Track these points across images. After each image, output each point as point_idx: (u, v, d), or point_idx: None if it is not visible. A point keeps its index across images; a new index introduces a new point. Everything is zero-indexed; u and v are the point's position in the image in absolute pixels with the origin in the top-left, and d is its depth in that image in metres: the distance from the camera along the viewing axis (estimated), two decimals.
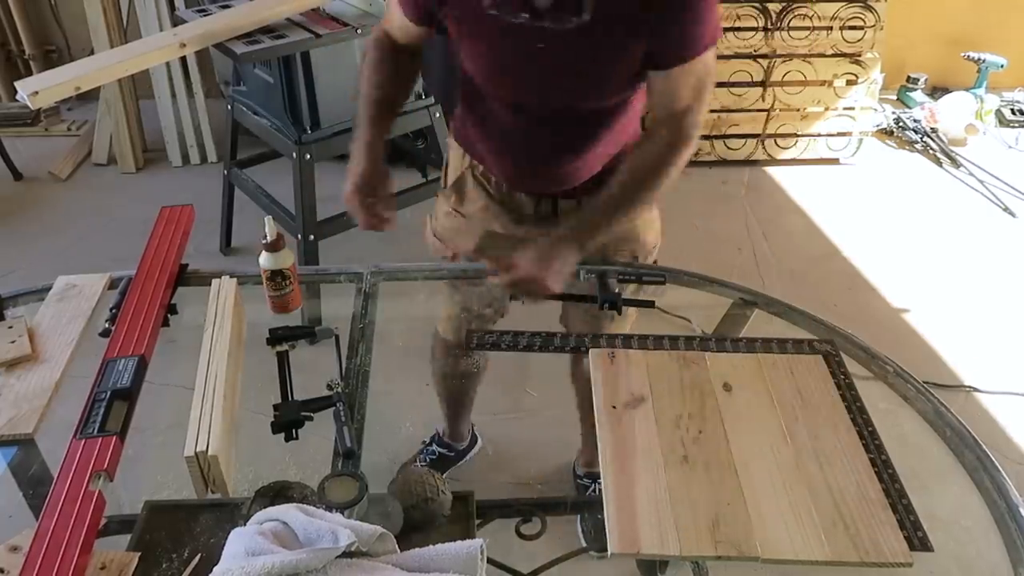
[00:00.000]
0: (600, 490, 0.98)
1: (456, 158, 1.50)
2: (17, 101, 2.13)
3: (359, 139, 1.28)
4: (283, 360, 1.17)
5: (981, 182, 3.46)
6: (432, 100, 2.55)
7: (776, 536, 0.94)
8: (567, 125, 1.31)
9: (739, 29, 3.38)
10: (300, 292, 1.31)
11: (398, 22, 1.31)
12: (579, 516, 1.33)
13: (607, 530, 0.93)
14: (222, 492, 0.97)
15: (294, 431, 1.07)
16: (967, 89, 3.89)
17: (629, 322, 1.53)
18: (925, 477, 1.10)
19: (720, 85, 3.45)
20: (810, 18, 3.38)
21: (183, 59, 3.24)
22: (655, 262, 1.53)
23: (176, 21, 2.45)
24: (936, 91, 4.03)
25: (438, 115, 2.57)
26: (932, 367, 2.47)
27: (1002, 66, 3.86)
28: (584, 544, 1.62)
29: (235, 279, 1.29)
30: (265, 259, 1.25)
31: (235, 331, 1.20)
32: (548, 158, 1.35)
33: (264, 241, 1.24)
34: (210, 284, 1.29)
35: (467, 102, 1.41)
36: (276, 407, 1.08)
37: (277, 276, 1.26)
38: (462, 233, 1.48)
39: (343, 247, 2.59)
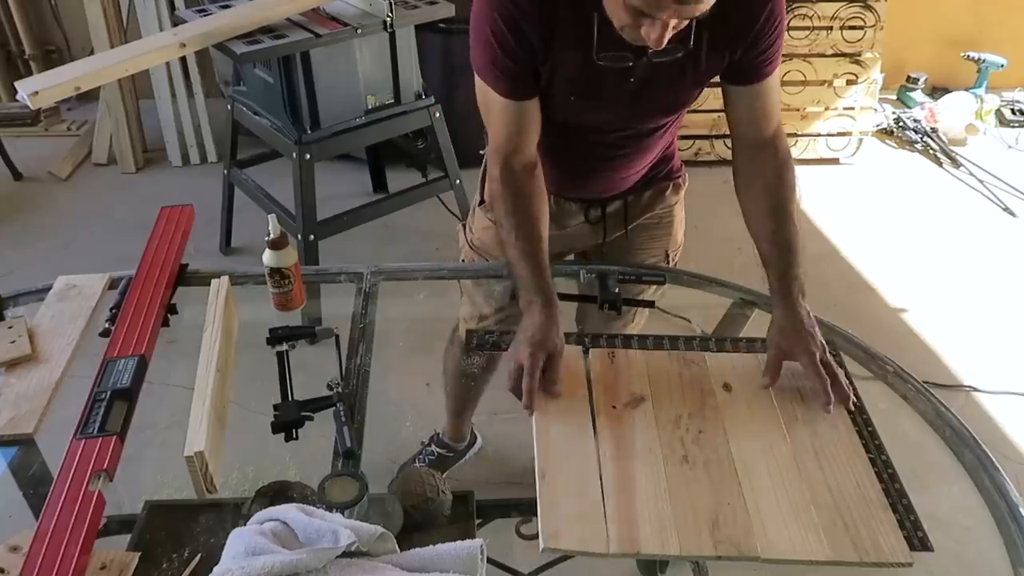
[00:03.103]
0: None
1: None
2: (17, 101, 2.13)
3: (529, 293, 1.17)
4: (283, 360, 1.17)
5: (981, 182, 3.46)
6: (432, 100, 2.55)
7: (776, 536, 0.94)
8: (640, 141, 1.32)
9: None
10: (303, 292, 1.32)
11: (507, 123, 1.20)
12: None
13: (607, 528, 0.94)
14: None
15: (294, 431, 1.07)
16: (967, 89, 3.89)
17: (641, 322, 1.56)
18: (925, 477, 1.10)
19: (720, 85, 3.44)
20: (810, 18, 3.38)
21: (183, 59, 3.24)
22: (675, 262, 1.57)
23: (176, 21, 2.46)
24: (936, 91, 4.03)
25: (438, 115, 2.57)
26: (932, 367, 2.47)
27: (1002, 66, 3.86)
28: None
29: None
30: (268, 256, 1.26)
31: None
32: (605, 172, 1.37)
33: (267, 239, 1.25)
34: (210, 284, 1.29)
35: None
36: (276, 407, 1.08)
37: (276, 274, 1.26)
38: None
39: (343, 247, 2.59)
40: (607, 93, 1.18)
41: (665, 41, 1.00)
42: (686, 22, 1.01)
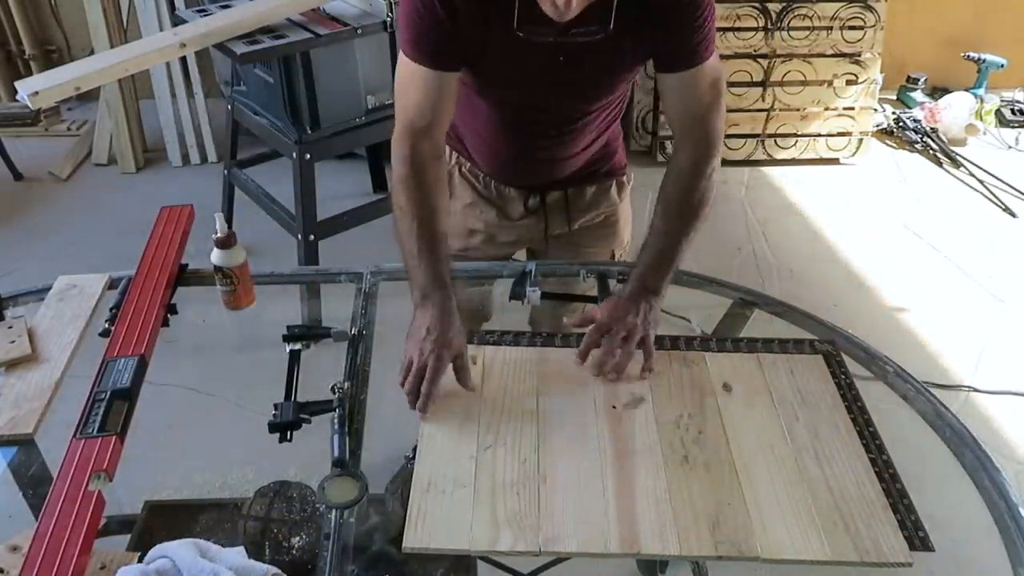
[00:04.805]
0: None
1: None
2: (17, 101, 2.14)
3: (426, 286, 1.13)
4: (295, 359, 1.17)
5: (981, 182, 3.46)
6: None
7: (776, 536, 0.94)
8: (569, 124, 1.31)
9: (739, 29, 3.38)
10: (251, 293, 1.32)
11: (425, 96, 1.17)
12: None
13: (607, 528, 0.94)
14: None
15: (289, 433, 1.06)
16: (967, 89, 3.88)
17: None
18: (925, 477, 1.10)
19: None
20: (810, 18, 3.38)
21: (183, 59, 3.24)
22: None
23: (176, 21, 2.46)
24: (936, 91, 4.03)
25: None
26: (932, 367, 2.47)
27: (1002, 66, 3.86)
28: None
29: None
30: (214, 255, 1.26)
31: None
32: (546, 155, 1.36)
33: (215, 237, 1.25)
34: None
35: (458, 105, 1.40)
36: (276, 406, 1.08)
37: (219, 272, 1.27)
38: (449, 228, 1.49)
39: (343, 247, 2.59)
40: (530, 69, 1.18)
41: (573, 7, 0.99)
42: None
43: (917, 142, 3.71)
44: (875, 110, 3.62)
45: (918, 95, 3.99)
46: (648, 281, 1.20)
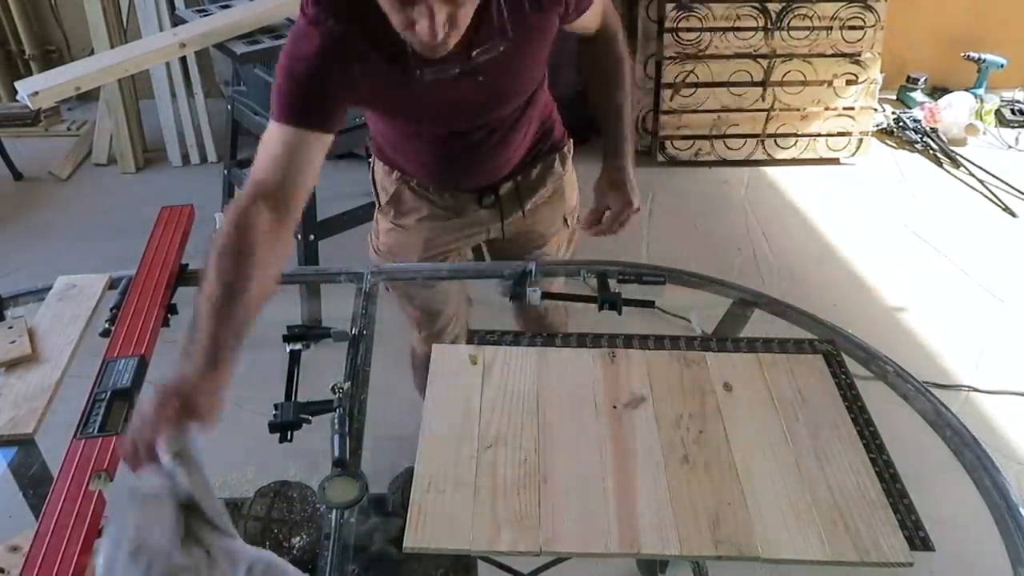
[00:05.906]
0: None
1: (383, 176, 1.48)
2: (17, 101, 2.14)
3: (201, 361, 0.91)
4: (295, 359, 1.17)
5: (981, 182, 3.46)
6: None
7: (776, 536, 0.94)
8: (497, 128, 1.33)
9: (739, 29, 3.38)
10: None
11: (275, 154, 1.06)
12: None
13: (607, 528, 0.94)
14: None
15: (289, 433, 1.07)
16: (967, 89, 3.88)
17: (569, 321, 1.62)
18: (925, 477, 1.10)
19: (720, 85, 3.45)
20: (810, 18, 3.38)
21: (183, 59, 3.24)
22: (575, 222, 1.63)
23: (176, 21, 2.46)
24: (936, 91, 4.03)
25: None
26: (932, 367, 2.47)
27: (1002, 66, 3.86)
28: None
29: None
30: None
31: None
32: (483, 161, 1.37)
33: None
34: None
35: (385, 136, 1.42)
36: (276, 406, 1.08)
37: None
38: (406, 245, 1.50)
39: (343, 247, 2.59)
40: (447, 102, 1.19)
41: (440, 31, 0.93)
42: (463, 9, 0.95)
43: (917, 142, 3.72)
44: (875, 110, 3.62)
45: (918, 95, 3.99)
46: (619, 159, 1.42)
